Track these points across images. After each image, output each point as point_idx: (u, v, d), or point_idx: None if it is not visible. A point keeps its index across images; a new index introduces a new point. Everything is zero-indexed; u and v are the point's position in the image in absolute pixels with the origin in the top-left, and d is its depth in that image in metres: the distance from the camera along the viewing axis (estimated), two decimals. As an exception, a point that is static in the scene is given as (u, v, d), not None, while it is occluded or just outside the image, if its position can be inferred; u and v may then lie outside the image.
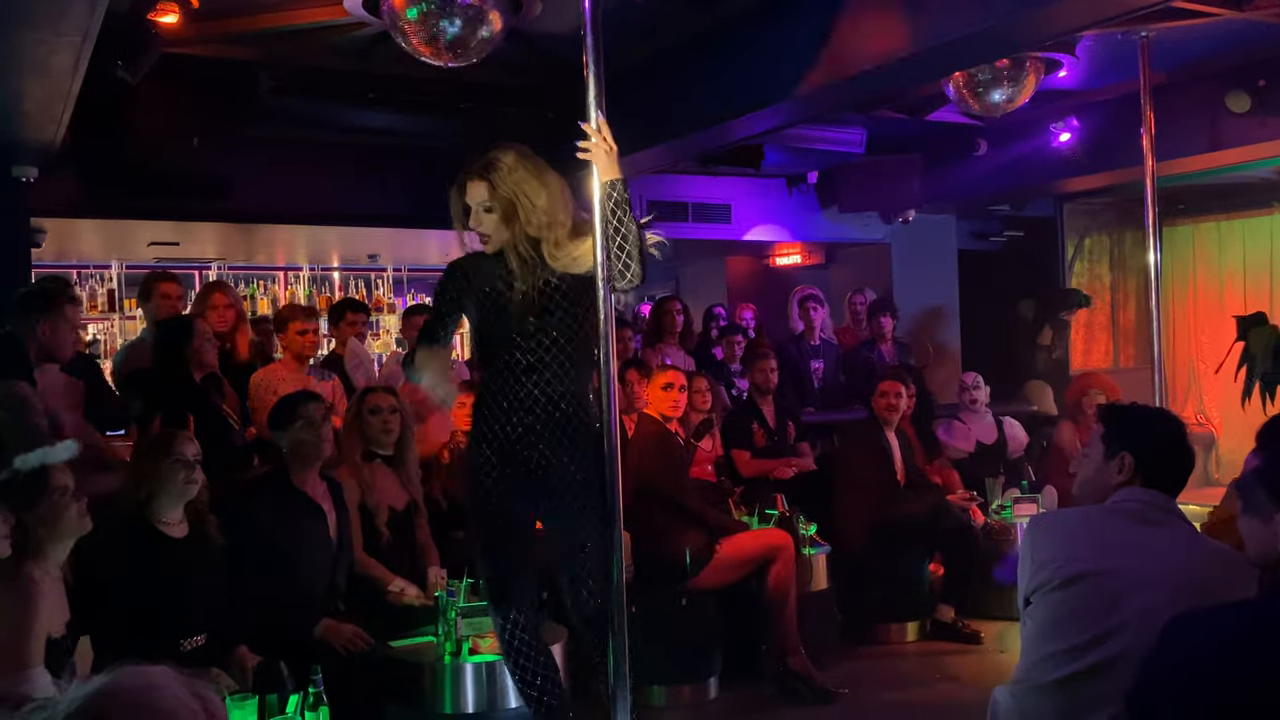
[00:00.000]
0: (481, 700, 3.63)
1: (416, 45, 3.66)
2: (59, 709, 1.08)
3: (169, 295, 5.34)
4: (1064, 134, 6.88)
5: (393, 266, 8.89)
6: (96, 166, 5.64)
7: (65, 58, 3.73)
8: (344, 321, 5.92)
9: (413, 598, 4.17)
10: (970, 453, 6.60)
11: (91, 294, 7.77)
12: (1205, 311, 9.02)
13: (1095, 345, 9.48)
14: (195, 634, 3.42)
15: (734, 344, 7.33)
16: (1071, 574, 2.34)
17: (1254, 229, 8.85)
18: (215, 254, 8.02)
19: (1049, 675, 2.34)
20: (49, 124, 4.64)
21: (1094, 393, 6.63)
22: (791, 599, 4.80)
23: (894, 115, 6.32)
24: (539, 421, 3.06)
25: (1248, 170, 7.33)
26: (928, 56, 4.23)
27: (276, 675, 3.14)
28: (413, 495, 4.49)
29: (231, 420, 4.78)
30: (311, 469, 4.01)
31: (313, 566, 3.92)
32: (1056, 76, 5.43)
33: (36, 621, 2.50)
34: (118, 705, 1.08)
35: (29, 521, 2.78)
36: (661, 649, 4.47)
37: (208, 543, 3.61)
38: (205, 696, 1.16)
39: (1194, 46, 5.45)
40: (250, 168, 6.19)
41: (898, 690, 4.92)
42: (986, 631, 5.51)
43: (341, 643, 3.72)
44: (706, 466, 5.63)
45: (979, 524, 5.88)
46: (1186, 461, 2.49)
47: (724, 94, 5.31)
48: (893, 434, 5.89)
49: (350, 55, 5.18)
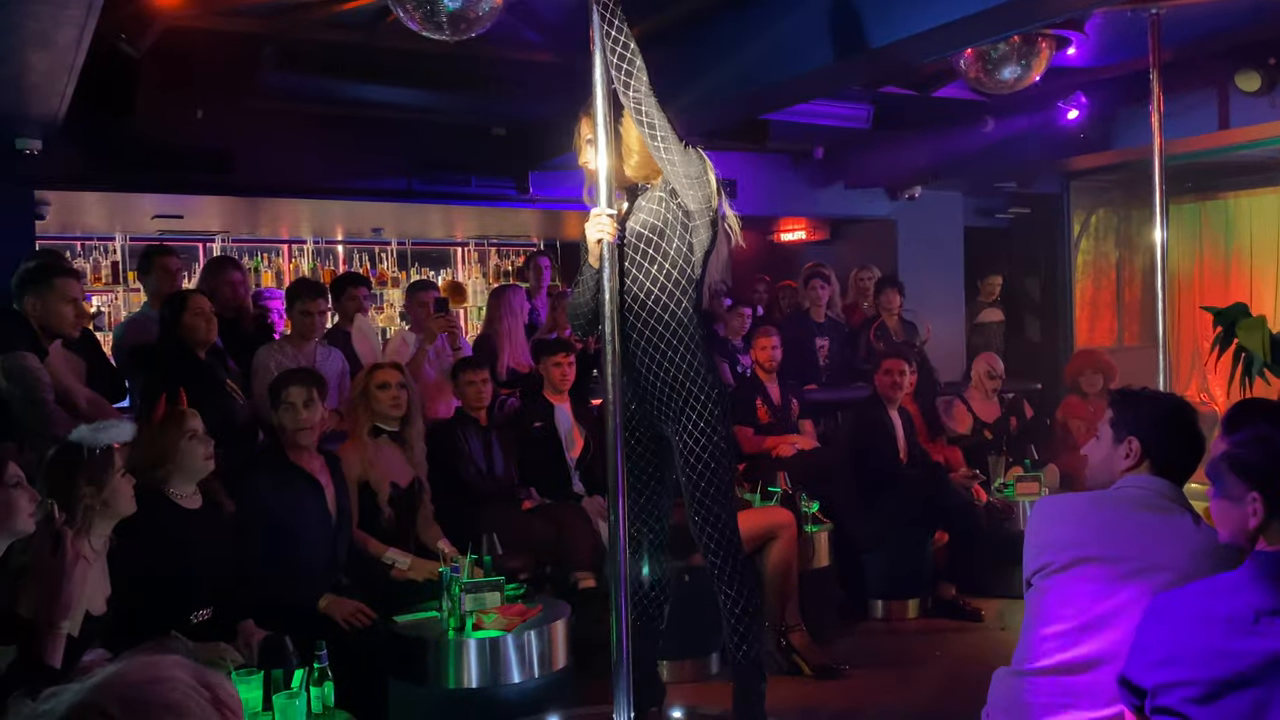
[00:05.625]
0: (485, 676, 3.66)
1: (417, 19, 3.63)
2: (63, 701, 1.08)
3: (168, 269, 5.35)
4: (1072, 111, 6.83)
5: (396, 240, 8.87)
6: (100, 139, 5.61)
7: (69, 31, 3.71)
8: (345, 296, 5.92)
9: (405, 568, 4.19)
10: (967, 434, 6.61)
11: (95, 266, 7.78)
12: (1211, 290, 9.00)
13: (1100, 323, 9.46)
14: (204, 607, 3.45)
15: (742, 317, 7.32)
16: (1072, 558, 2.35)
17: (1261, 207, 8.81)
18: (219, 227, 8.01)
19: (1047, 658, 2.35)
20: (52, 97, 4.62)
21: (1090, 371, 6.64)
22: (793, 576, 4.83)
23: (901, 91, 6.27)
24: None
25: (1256, 149, 7.29)
26: (940, 32, 4.20)
27: (282, 650, 3.17)
28: (416, 472, 4.51)
29: (235, 395, 4.79)
30: (301, 447, 4.03)
31: (311, 540, 3.94)
32: (1065, 53, 5.39)
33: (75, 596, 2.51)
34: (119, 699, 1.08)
35: (89, 498, 2.81)
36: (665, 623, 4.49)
37: (219, 515, 3.64)
38: (215, 685, 1.15)
39: (1204, 24, 5.39)
40: (254, 141, 6.16)
41: (898, 667, 4.95)
42: (987, 609, 5.54)
43: (344, 617, 3.74)
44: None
45: (981, 502, 5.90)
46: (1196, 448, 2.46)
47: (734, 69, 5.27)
48: (895, 412, 5.90)
49: (354, 29, 5.15)
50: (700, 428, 3.08)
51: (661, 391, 3.11)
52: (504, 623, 3.71)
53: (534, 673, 3.71)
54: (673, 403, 3.10)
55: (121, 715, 1.06)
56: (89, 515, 2.81)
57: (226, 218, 7.68)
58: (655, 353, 3.09)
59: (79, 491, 2.81)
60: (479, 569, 3.95)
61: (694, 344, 3.11)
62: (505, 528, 4.39)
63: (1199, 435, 2.48)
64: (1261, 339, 4.05)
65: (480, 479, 4.95)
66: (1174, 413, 2.51)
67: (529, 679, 3.69)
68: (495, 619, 3.72)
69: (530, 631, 3.71)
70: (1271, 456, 1.94)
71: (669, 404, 3.11)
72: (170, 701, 1.10)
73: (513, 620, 3.73)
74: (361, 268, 8.60)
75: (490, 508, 4.79)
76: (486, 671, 3.66)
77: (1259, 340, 4.05)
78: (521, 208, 7.29)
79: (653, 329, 3.09)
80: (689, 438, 3.09)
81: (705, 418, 3.08)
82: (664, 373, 3.09)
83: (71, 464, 2.85)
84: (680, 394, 3.09)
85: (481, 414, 5.09)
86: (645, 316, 3.09)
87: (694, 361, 3.10)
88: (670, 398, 3.10)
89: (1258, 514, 1.92)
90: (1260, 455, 1.96)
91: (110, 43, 4.49)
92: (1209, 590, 1.93)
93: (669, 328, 3.09)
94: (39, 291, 4.14)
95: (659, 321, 3.09)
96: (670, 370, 3.09)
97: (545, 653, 3.75)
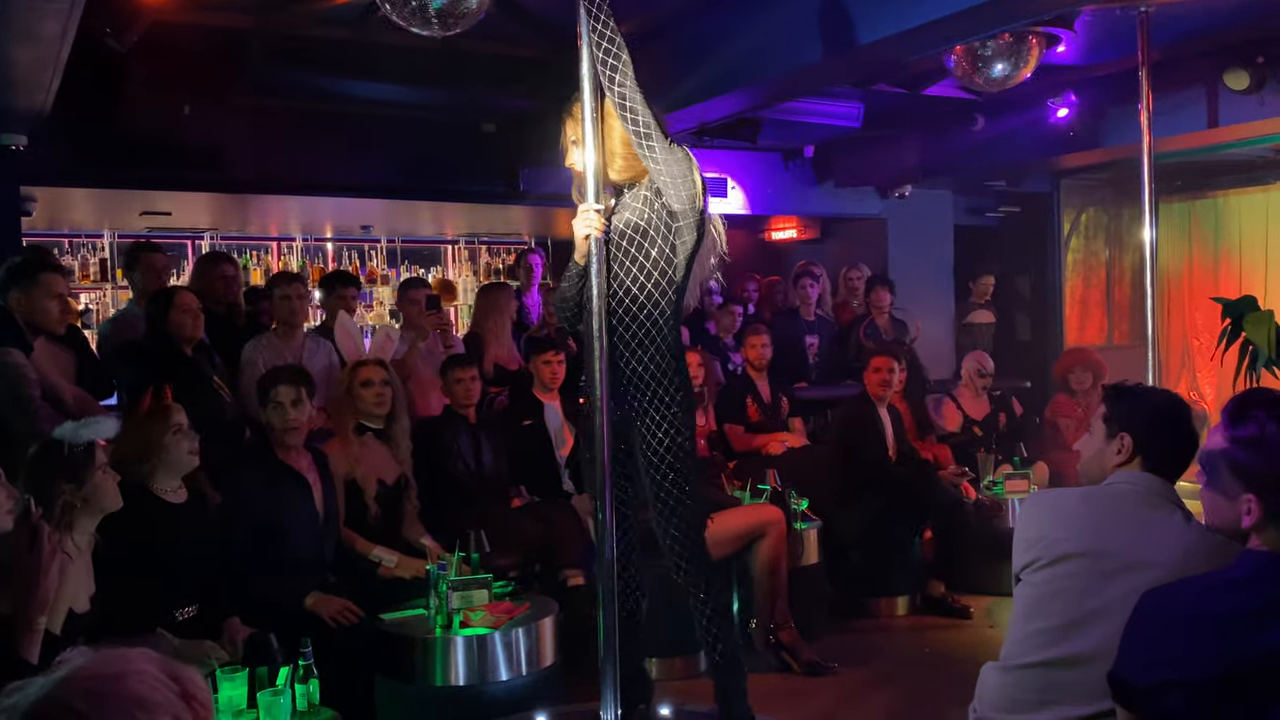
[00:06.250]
0: (472, 674, 3.65)
1: (405, 15, 3.61)
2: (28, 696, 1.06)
3: (154, 266, 5.32)
4: (1062, 109, 6.84)
5: (386, 238, 8.84)
6: (86, 135, 5.58)
7: (53, 25, 3.68)
8: (334, 294, 5.89)
9: (392, 565, 4.17)
10: (957, 432, 6.62)
11: (84, 264, 7.73)
12: (1200, 288, 9.02)
13: (1090, 321, 9.48)
14: (189, 604, 3.43)
15: (733, 315, 7.31)
16: (1060, 553, 2.33)
17: (1250, 206, 8.83)
18: (208, 224, 7.96)
19: (1034, 655, 2.34)
20: (37, 92, 4.59)
21: (1079, 369, 6.66)
22: (782, 573, 4.83)
23: (891, 89, 6.27)
24: None
25: (1245, 147, 7.30)
26: (929, 29, 4.20)
27: (267, 647, 3.16)
28: (402, 469, 4.49)
29: (222, 391, 4.76)
30: (290, 444, 4.01)
31: (298, 538, 3.93)
32: (1055, 51, 5.39)
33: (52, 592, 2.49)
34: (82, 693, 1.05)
35: (69, 495, 2.79)
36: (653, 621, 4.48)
37: (205, 509, 3.62)
38: (184, 678, 1.13)
39: (1193, 22, 5.40)
40: (242, 137, 6.13)
41: (887, 664, 4.95)
42: (976, 606, 5.54)
43: (331, 615, 3.73)
44: (699, 441, 5.63)
45: (970, 500, 5.90)
46: (1188, 445, 2.44)
47: (723, 66, 5.26)
48: (885, 410, 5.89)
49: (342, 24, 5.12)
50: (664, 428, 3.06)
51: (628, 390, 3.09)
52: (492, 620, 3.70)
53: (522, 670, 3.70)
54: (638, 401, 3.09)
55: (87, 710, 1.05)
56: (70, 512, 2.79)
57: (215, 215, 7.64)
58: (626, 351, 3.07)
59: (60, 488, 2.79)
60: (467, 566, 3.94)
61: (666, 346, 3.08)
62: (494, 525, 4.38)
63: (1192, 432, 2.45)
64: (1268, 333, 4.04)
65: (469, 476, 4.94)
66: (1167, 409, 2.49)
67: (517, 676, 3.68)
68: (483, 616, 3.71)
69: (518, 629, 3.71)
70: (1272, 460, 1.91)
71: (635, 402, 3.09)
72: (137, 695, 1.08)
73: (500, 618, 3.72)
74: (351, 265, 8.57)
75: (479, 505, 4.78)
76: (474, 669, 3.65)
77: (1265, 334, 4.04)
78: (512, 205, 7.27)
79: (626, 326, 3.07)
80: (652, 438, 3.07)
81: (669, 419, 3.06)
82: (631, 371, 3.07)
83: (52, 461, 2.83)
84: (646, 393, 3.07)
85: (470, 411, 5.07)
86: (621, 314, 3.08)
87: (663, 363, 3.07)
88: (636, 396, 3.09)
89: (1253, 514, 1.90)
90: (1260, 459, 1.92)
91: (96, 37, 4.46)
92: (1202, 588, 1.91)
93: (643, 327, 3.07)
94: (24, 287, 4.11)
95: (634, 320, 3.07)
96: (638, 369, 3.07)
97: (533, 650, 3.74)
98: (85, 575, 2.91)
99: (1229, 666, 1.78)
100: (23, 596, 2.46)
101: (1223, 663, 1.78)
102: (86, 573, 2.93)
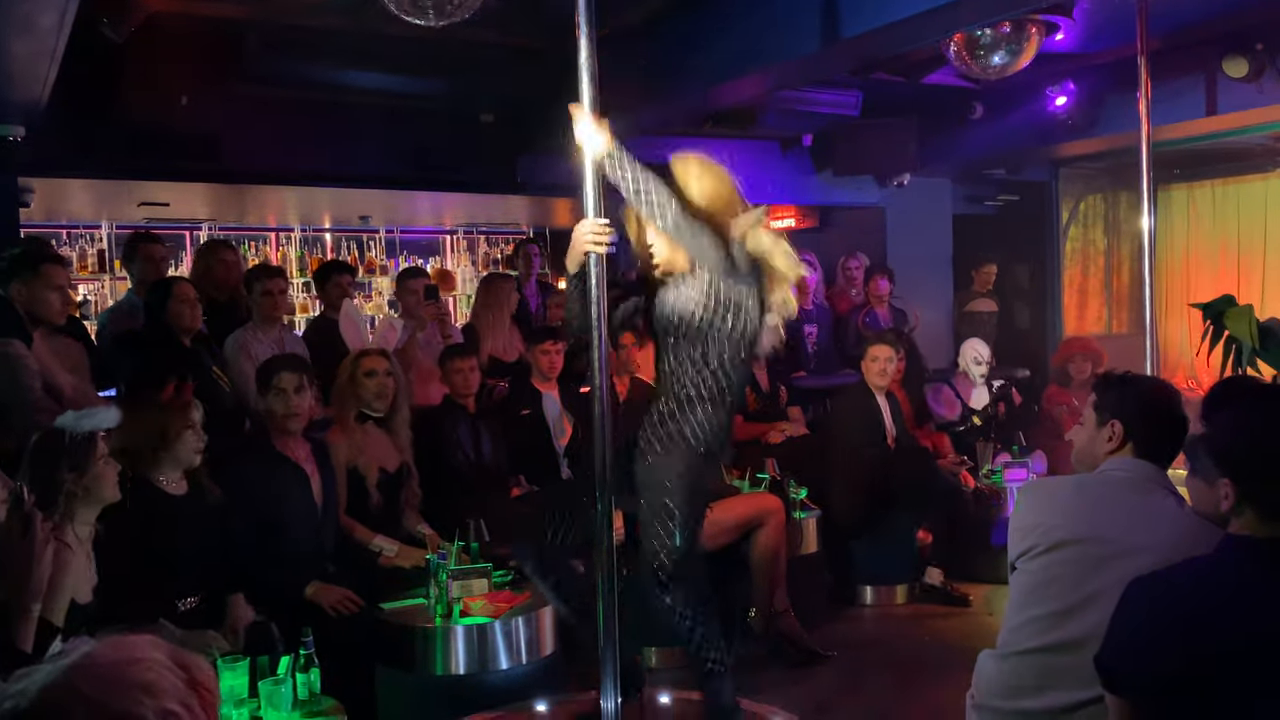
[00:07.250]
0: (472, 662, 3.66)
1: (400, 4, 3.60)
2: (35, 682, 1.06)
3: (152, 257, 5.31)
4: (1060, 98, 6.83)
5: (385, 228, 8.83)
6: (84, 126, 5.57)
7: (49, 15, 3.68)
8: (330, 283, 5.88)
9: (392, 554, 4.19)
10: (956, 420, 6.62)
11: (82, 254, 7.71)
12: (1199, 276, 9.02)
13: (1088, 310, 9.49)
14: (191, 594, 3.44)
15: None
16: (1055, 540, 2.35)
17: (1249, 194, 8.83)
18: (206, 214, 7.95)
19: (1030, 641, 2.36)
20: (34, 83, 4.58)
21: (1078, 358, 6.67)
22: (781, 562, 4.84)
23: (890, 78, 6.26)
24: None
25: (1243, 135, 7.30)
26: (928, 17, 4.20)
27: (268, 636, 3.16)
28: (403, 457, 4.50)
29: (221, 381, 4.76)
30: (289, 434, 4.02)
31: (297, 528, 3.94)
32: (1053, 40, 5.38)
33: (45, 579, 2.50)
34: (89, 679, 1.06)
35: (71, 483, 2.80)
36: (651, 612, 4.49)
37: (205, 501, 3.63)
38: (191, 665, 1.13)
39: (1191, 10, 5.40)
40: (240, 128, 6.12)
41: (886, 652, 4.96)
42: (975, 594, 5.56)
43: (330, 604, 3.74)
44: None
45: (969, 488, 5.92)
46: (1178, 430, 2.46)
47: (722, 54, 5.26)
48: (883, 398, 5.90)
49: (340, 14, 5.11)
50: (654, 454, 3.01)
51: None
52: (491, 609, 3.71)
53: (522, 659, 3.71)
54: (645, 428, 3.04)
55: (95, 695, 1.05)
56: (71, 502, 2.80)
57: (213, 205, 7.62)
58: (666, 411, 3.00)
59: (61, 478, 2.79)
60: (466, 556, 3.95)
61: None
62: (493, 515, 4.39)
63: (1182, 418, 2.47)
64: (1248, 325, 4.09)
65: (468, 466, 4.95)
66: (1156, 395, 2.51)
67: (516, 665, 3.69)
68: (483, 605, 3.72)
69: (518, 618, 3.72)
70: (1245, 444, 1.93)
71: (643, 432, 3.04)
72: (144, 681, 1.08)
73: (500, 607, 3.73)
74: (349, 256, 8.56)
75: (478, 495, 4.79)
76: (474, 658, 3.66)
77: (1246, 327, 4.09)
78: (510, 195, 7.26)
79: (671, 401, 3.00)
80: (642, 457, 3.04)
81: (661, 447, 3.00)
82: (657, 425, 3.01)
83: (53, 451, 2.83)
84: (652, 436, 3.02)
85: (469, 401, 5.08)
86: (670, 391, 2.99)
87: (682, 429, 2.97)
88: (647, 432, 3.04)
89: (1229, 498, 1.92)
90: (1234, 442, 1.95)
91: (93, 28, 4.45)
92: (1183, 574, 1.93)
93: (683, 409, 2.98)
94: (25, 278, 4.11)
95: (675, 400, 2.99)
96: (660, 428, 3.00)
97: (533, 639, 3.75)
98: (86, 566, 2.92)
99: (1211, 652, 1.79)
100: (16, 584, 2.46)
101: (1205, 649, 1.79)
102: (88, 564, 2.93)
